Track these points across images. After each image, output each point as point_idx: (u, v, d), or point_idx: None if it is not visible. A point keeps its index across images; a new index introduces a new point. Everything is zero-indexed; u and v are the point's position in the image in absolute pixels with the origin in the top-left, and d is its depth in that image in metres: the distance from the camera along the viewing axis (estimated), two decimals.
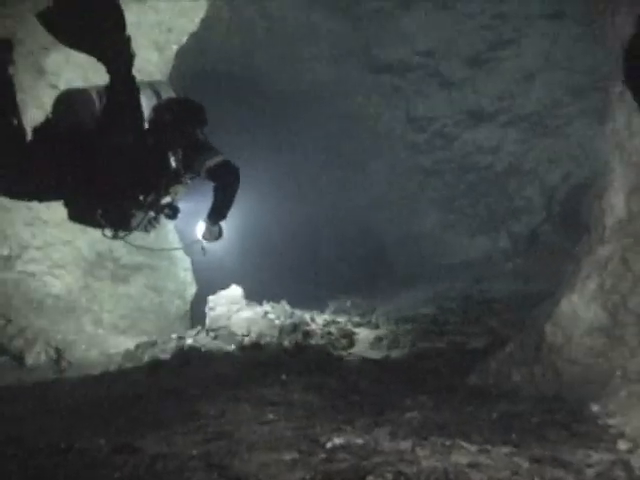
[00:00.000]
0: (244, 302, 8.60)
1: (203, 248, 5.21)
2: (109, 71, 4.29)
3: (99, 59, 4.29)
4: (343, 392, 5.42)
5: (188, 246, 6.34)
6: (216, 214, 5.03)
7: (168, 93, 4.79)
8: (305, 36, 14.12)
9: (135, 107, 4.42)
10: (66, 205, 4.53)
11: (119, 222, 4.55)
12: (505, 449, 3.71)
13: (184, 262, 11.03)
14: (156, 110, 4.57)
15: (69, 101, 4.43)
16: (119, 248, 10.04)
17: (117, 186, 4.35)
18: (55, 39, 4.27)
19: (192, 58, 11.94)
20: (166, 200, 4.68)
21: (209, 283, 10.13)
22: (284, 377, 5.88)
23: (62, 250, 9.35)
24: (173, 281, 10.90)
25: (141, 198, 4.51)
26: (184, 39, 9.61)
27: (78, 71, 8.13)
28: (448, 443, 3.79)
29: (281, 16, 13.60)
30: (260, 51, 14.23)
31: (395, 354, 7.21)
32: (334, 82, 14.74)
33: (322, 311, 10.16)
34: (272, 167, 15.06)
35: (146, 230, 4.75)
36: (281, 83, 14.99)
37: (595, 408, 4.58)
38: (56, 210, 9.01)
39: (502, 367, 5.65)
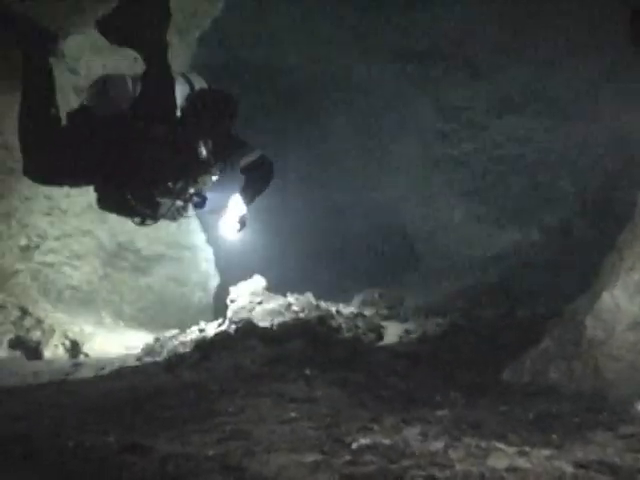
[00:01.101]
0: (267, 294, 8.34)
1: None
2: (145, 60, 4.47)
3: (137, 51, 4.54)
4: (370, 388, 5.13)
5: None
6: (247, 198, 5.16)
7: (200, 84, 4.89)
8: (333, 25, 13.84)
9: (169, 96, 4.51)
10: (96, 191, 4.70)
11: (148, 209, 4.64)
12: (545, 452, 3.41)
13: (206, 253, 10.82)
14: (188, 99, 4.70)
15: (105, 87, 4.52)
16: (140, 239, 9.86)
17: (147, 172, 4.46)
18: (102, 35, 4.59)
19: (214, 45, 11.74)
20: (194, 189, 4.77)
21: (232, 274, 9.88)
22: (308, 372, 5.60)
23: (81, 240, 9.16)
24: (195, 272, 10.70)
25: (170, 185, 4.60)
26: (206, 23, 9.36)
27: (98, 55, 7.95)
28: (483, 445, 3.50)
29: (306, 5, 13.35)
30: (286, 39, 13.98)
31: (424, 349, 6.91)
32: (362, 71, 14.44)
33: (348, 303, 9.86)
34: (298, 158, 14.79)
35: (174, 218, 4.93)
36: (307, 72, 14.71)
37: None
38: (75, 199, 8.89)
39: (538, 363, 5.33)
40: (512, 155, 14.18)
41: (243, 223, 5.21)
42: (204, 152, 4.73)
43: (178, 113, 4.68)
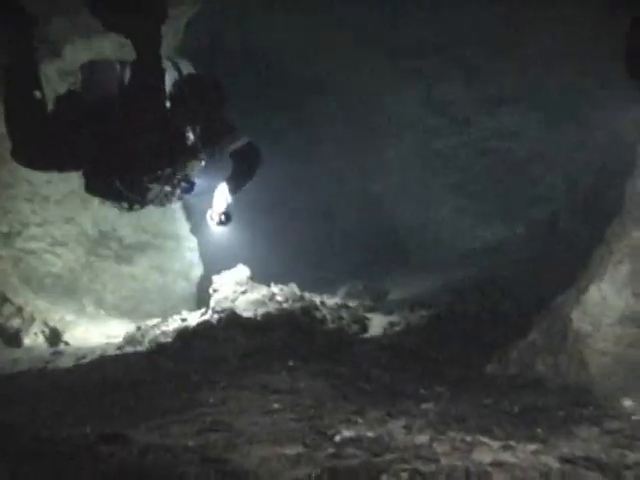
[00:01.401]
0: (251, 283, 8.23)
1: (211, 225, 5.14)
2: (136, 47, 4.31)
3: (129, 36, 4.32)
4: (354, 380, 5.07)
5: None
6: (234, 186, 5.09)
7: (188, 69, 4.91)
8: (322, 19, 13.72)
9: (159, 83, 4.44)
10: (84, 176, 4.59)
11: (136, 195, 4.59)
12: (531, 446, 3.36)
13: (190, 242, 10.71)
14: (176, 85, 4.63)
15: (93, 73, 4.50)
16: (123, 227, 9.75)
17: (135, 158, 4.42)
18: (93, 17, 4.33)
19: (205, 33, 11.62)
20: (182, 175, 4.74)
21: (217, 265, 9.78)
22: (291, 363, 5.53)
23: (64, 228, 9.03)
24: (179, 262, 10.59)
25: (158, 171, 4.56)
26: (195, 8, 9.17)
27: (82, 39, 7.80)
28: (468, 439, 3.45)
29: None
30: (277, 30, 13.85)
31: (409, 341, 6.83)
32: (351, 65, 14.33)
33: (333, 295, 9.78)
34: (284, 151, 14.67)
35: (162, 204, 4.86)
36: (297, 64, 14.59)
37: (627, 403, 4.21)
38: (57, 186, 8.75)
39: (524, 356, 5.28)
40: (501, 150, 14.15)
41: (228, 216, 5.12)
42: (192, 138, 4.69)
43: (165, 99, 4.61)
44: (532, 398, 4.53)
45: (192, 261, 10.84)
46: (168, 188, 4.74)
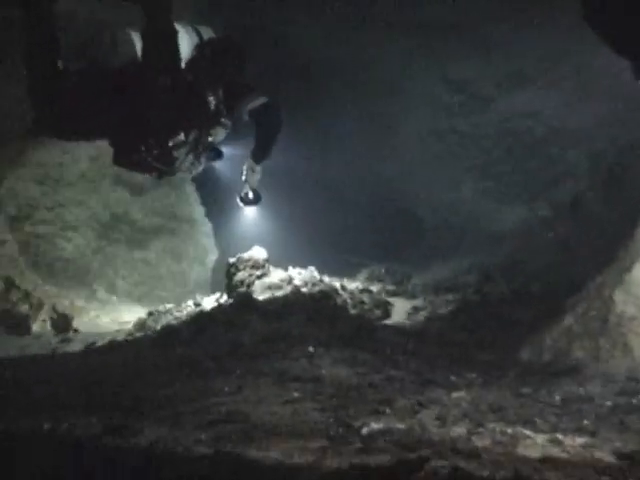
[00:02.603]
0: (267, 267, 7.88)
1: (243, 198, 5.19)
2: (147, 14, 4.41)
3: (141, 5, 4.42)
4: (379, 367, 4.73)
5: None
6: (259, 153, 5.12)
7: (209, 34, 4.88)
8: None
9: (173, 47, 4.50)
10: (112, 147, 4.63)
11: (163, 162, 4.63)
12: (580, 439, 3.02)
13: (205, 227, 10.41)
14: (197, 49, 4.68)
15: (112, 40, 4.55)
16: (136, 210, 9.45)
17: (158, 124, 4.49)
18: None
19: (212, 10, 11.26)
20: (208, 142, 4.83)
21: (233, 247, 9.47)
22: (311, 349, 5.20)
23: (74, 211, 8.75)
24: (193, 246, 10.29)
25: (182, 137, 4.60)
26: None
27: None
28: (509, 431, 3.12)
29: None
30: (288, 9, 13.46)
31: (435, 326, 6.51)
32: (366, 44, 13.92)
33: (354, 279, 9.44)
34: (299, 132, 14.32)
35: (189, 171, 4.92)
36: (310, 44, 14.20)
37: None
38: (69, 168, 8.46)
39: (560, 341, 4.94)
40: (521, 129, 13.72)
41: (258, 195, 5.24)
42: (214, 102, 4.73)
43: (187, 63, 4.65)
44: (573, 386, 4.19)
45: (207, 246, 10.54)
46: (194, 154, 4.78)
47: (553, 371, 4.63)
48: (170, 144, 4.58)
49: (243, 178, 5.13)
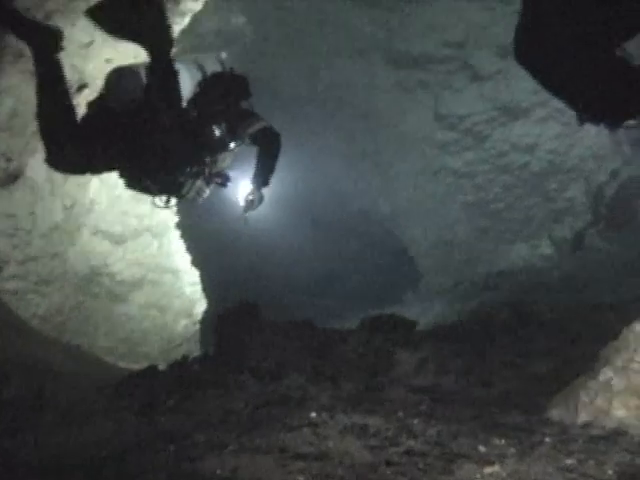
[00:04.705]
0: (261, 320, 7.30)
1: (245, 219, 5.69)
2: (150, 54, 4.52)
3: (142, 44, 4.56)
4: (394, 437, 4.08)
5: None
6: (259, 179, 5.57)
7: (214, 66, 5.21)
8: (320, 28, 12.96)
9: (173, 86, 4.62)
10: (121, 176, 4.96)
11: (170, 189, 4.96)
12: None
13: (191, 276, 9.81)
14: (200, 85, 4.99)
15: (119, 79, 4.72)
16: (116, 261, 8.85)
17: (162, 159, 4.70)
18: (102, 30, 4.77)
19: (197, 49, 10.84)
20: (215, 169, 5.13)
21: (221, 298, 8.94)
22: (313, 415, 4.57)
23: (49, 264, 8.10)
24: (179, 298, 9.66)
25: (187, 166, 4.88)
26: (186, 20, 8.42)
27: (85, 37, 7.13)
28: None
29: (291, 7, 12.48)
30: (273, 45, 13.09)
31: (446, 381, 5.88)
32: (354, 78, 13.52)
33: (352, 328, 8.82)
34: (288, 171, 13.85)
35: (195, 199, 5.14)
36: (297, 80, 13.80)
37: None
38: (41, 218, 7.87)
39: (596, 399, 4.32)
40: (517, 164, 13.31)
41: (260, 200, 5.66)
42: (218, 132, 4.98)
43: (189, 99, 4.88)
44: (624, 456, 3.57)
45: (194, 296, 9.93)
46: (202, 181, 5.03)
47: (595, 435, 4.02)
48: (173, 175, 4.85)
49: (242, 203, 5.61)
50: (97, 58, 7.51)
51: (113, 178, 8.58)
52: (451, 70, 13.23)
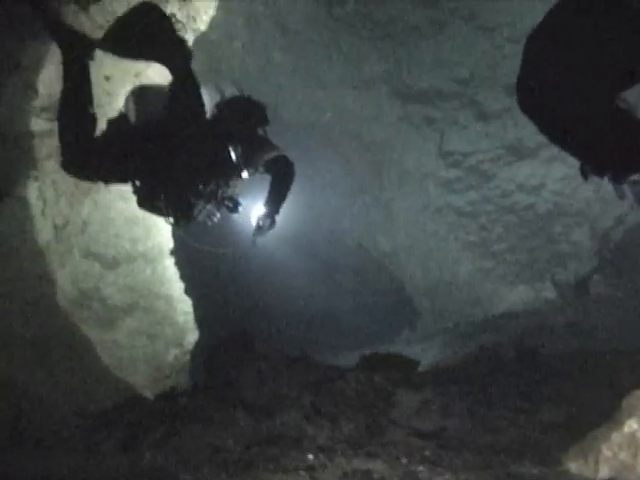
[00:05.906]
0: (255, 351, 6.98)
1: (254, 242, 5.74)
2: (170, 71, 4.68)
3: (160, 63, 4.75)
4: None
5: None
6: (271, 206, 5.65)
7: (232, 89, 5.30)
8: (326, 59, 12.78)
9: (196, 101, 4.78)
10: (135, 192, 5.02)
11: (181, 209, 4.98)
12: None
13: (184, 304, 9.47)
14: (219, 107, 5.06)
15: (141, 97, 4.84)
16: (107, 286, 8.51)
17: (177, 176, 4.82)
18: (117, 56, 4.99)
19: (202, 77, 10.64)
20: (227, 193, 5.16)
21: (214, 329, 8.64)
22: (311, 457, 4.22)
23: (36, 287, 7.75)
24: (170, 326, 9.31)
25: (200, 187, 4.94)
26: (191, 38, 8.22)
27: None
28: None
29: (297, 31, 12.32)
30: (277, 74, 12.90)
31: (452, 425, 5.52)
32: (359, 110, 13.32)
33: (351, 366, 8.49)
34: (287, 204, 13.61)
35: (206, 222, 5.18)
36: (300, 110, 13.59)
37: None
38: (29, 238, 7.55)
39: (620, 452, 4.00)
40: (522, 205, 13.06)
41: (272, 223, 5.69)
42: (234, 156, 4.99)
43: (208, 119, 4.99)
44: None
45: (186, 325, 9.59)
46: (213, 204, 5.09)
47: None
48: (186, 193, 4.90)
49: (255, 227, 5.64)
50: (96, 75, 7.27)
51: (107, 199, 8.30)
52: (457, 107, 13.03)
